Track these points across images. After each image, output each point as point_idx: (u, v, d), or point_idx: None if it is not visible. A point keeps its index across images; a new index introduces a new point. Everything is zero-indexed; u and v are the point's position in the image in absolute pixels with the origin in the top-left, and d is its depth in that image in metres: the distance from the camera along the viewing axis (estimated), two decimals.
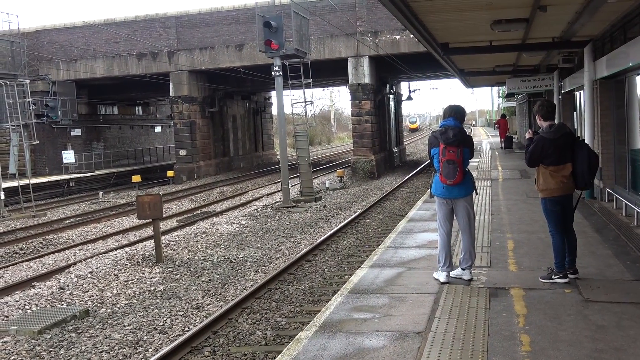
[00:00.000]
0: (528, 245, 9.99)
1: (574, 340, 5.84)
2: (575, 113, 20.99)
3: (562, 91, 21.69)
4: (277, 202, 24.50)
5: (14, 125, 28.64)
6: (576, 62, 17.35)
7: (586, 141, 11.00)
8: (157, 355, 8.38)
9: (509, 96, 48.59)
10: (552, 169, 7.60)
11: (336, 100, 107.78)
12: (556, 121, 7.86)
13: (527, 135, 7.97)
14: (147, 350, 9.10)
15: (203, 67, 37.47)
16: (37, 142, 31.48)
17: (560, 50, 16.45)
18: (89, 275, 13.54)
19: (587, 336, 5.93)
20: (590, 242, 9.98)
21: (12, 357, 9.02)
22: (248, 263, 14.54)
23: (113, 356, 8.91)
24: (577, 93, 19.73)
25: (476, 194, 8.12)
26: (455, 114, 7.84)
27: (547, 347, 5.67)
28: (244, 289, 12.25)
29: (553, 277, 7.71)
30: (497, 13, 11.02)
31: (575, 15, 11.24)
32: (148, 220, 17.24)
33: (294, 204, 23.58)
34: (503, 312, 6.69)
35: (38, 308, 11.50)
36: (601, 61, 13.93)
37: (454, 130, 7.64)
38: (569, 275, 7.72)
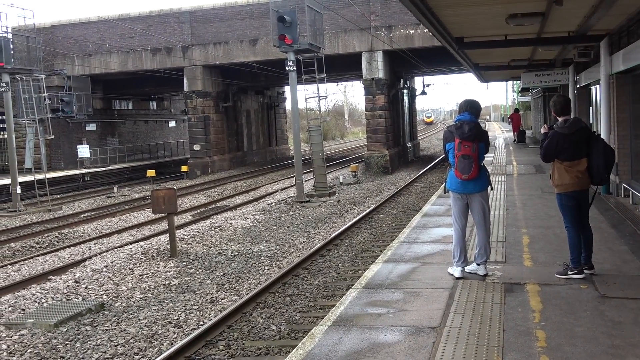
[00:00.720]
0: (543, 241, 9.94)
1: (590, 336, 5.81)
2: (591, 108, 20.85)
3: (578, 86, 21.55)
4: (291, 196, 24.52)
5: (29, 120, 28.84)
6: (592, 57, 17.23)
7: (602, 136, 10.94)
8: (172, 349, 8.42)
9: (523, 91, 48.35)
10: (567, 164, 7.56)
11: (350, 95, 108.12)
12: (572, 116, 7.81)
13: (543, 130, 7.93)
14: (162, 344, 9.14)
15: (217, 62, 37.52)
16: (53, 136, 31.68)
17: (576, 44, 16.32)
18: (105, 269, 13.62)
19: (604, 332, 5.90)
20: (606, 237, 9.92)
21: (29, 350, 9.10)
22: (262, 257, 14.57)
23: (128, 349, 8.96)
24: (593, 87, 19.59)
25: (491, 189, 8.08)
26: (471, 108, 7.81)
27: (563, 343, 5.64)
28: (258, 283, 12.28)
29: (569, 272, 7.67)
30: (512, 7, 10.95)
31: (591, 9, 11.15)
32: (163, 215, 17.31)
33: (307, 199, 23.59)
34: (518, 308, 6.67)
35: (54, 301, 11.59)
36: (617, 55, 13.82)
37: (469, 124, 7.61)
38: (585, 271, 7.68)
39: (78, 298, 11.82)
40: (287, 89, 50.43)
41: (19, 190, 25.82)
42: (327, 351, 5.76)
